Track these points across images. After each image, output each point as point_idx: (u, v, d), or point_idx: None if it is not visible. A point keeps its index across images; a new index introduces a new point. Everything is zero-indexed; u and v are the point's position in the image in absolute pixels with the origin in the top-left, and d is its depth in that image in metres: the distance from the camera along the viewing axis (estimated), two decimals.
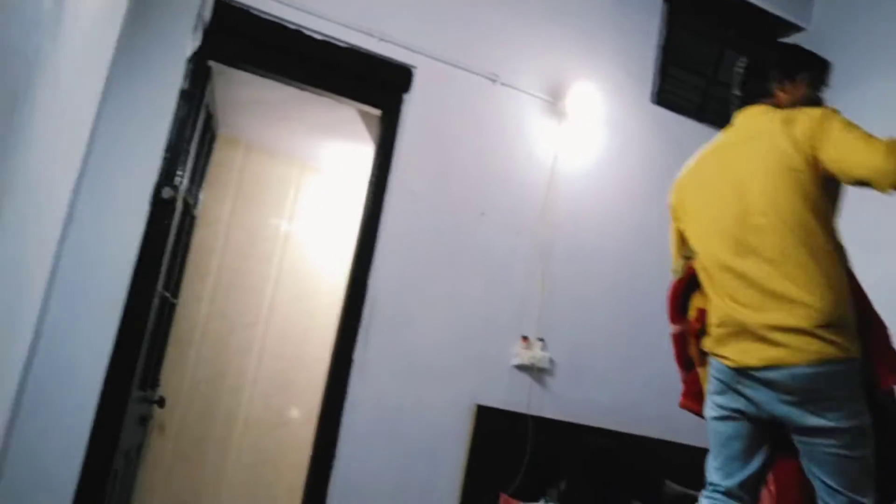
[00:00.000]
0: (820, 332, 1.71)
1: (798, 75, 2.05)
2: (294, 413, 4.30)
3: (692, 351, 2.11)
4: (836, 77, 2.19)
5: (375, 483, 3.01)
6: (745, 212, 1.88)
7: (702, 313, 2.04)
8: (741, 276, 1.85)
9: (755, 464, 1.90)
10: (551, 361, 3.39)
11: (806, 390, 1.73)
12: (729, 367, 1.89)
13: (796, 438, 1.82)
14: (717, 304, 1.94)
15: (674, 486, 2.49)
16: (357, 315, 3.08)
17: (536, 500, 2.98)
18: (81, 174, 2.61)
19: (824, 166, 1.78)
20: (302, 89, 3.22)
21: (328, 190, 4.61)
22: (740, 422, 1.91)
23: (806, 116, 1.85)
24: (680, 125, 3.89)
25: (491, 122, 3.43)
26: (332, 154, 4.43)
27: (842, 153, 1.75)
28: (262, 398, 4.30)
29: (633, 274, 3.64)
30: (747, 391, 1.86)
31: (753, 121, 2.02)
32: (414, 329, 3.16)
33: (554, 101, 3.53)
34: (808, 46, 4.27)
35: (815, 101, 2.03)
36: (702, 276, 2.04)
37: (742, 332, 1.84)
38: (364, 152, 3.82)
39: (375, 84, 3.26)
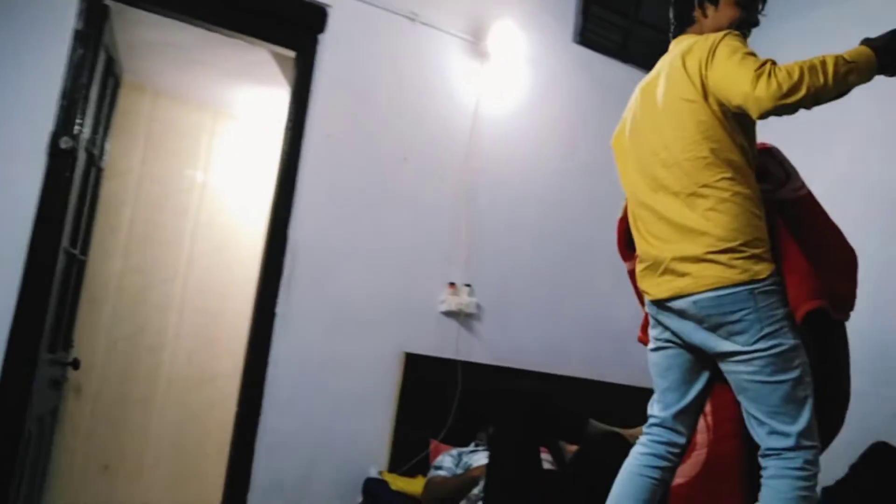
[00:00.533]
0: (717, 257, 1.72)
1: None
2: (219, 368, 4.19)
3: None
4: (774, 7, 2.16)
5: (304, 436, 2.96)
6: (655, 148, 1.89)
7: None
8: (654, 212, 1.87)
9: (690, 395, 1.91)
10: (478, 307, 3.38)
11: (712, 316, 1.74)
12: (650, 301, 1.92)
13: (721, 367, 1.82)
14: (639, 240, 1.96)
15: (596, 425, 2.53)
16: (278, 267, 2.98)
17: (467, 445, 2.99)
18: None
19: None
20: (210, 30, 3.04)
21: (244, 137, 4.43)
22: (672, 351, 1.92)
23: (703, 43, 1.81)
24: (603, 65, 3.86)
25: (411, 64, 3.33)
26: (247, 99, 4.24)
27: (720, 80, 1.74)
28: (184, 355, 4.17)
29: (558, 217, 3.65)
30: (667, 322, 1.89)
31: (668, 54, 1.99)
32: (337, 280, 3.09)
33: (475, 40, 3.44)
34: None
35: (748, 24, 1.98)
36: (629, 215, 2.03)
37: (656, 265, 1.86)
38: (280, 97, 3.65)
39: (289, 24, 3.10)
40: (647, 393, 3.80)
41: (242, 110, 4.38)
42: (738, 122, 1.81)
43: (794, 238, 1.84)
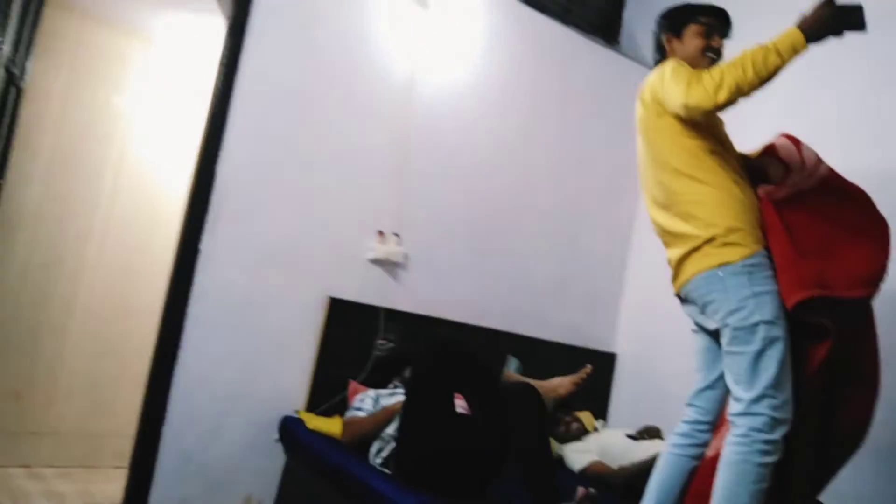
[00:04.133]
0: (700, 250, 2.00)
1: (684, 29, 2.21)
2: (139, 302, 4.13)
3: None
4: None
5: (222, 373, 2.98)
6: (646, 173, 2.21)
7: None
8: (658, 224, 2.20)
9: (713, 375, 2.12)
10: (406, 256, 3.43)
11: (697, 298, 2.04)
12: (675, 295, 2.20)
13: None
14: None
15: (512, 374, 2.63)
16: (204, 203, 2.95)
17: (385, 387, 3.06)
18: None
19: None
20: None
21: (176, 68, 4.29)
22: (698, 336, 2.18)
23: (655, 73, 2.13)
24: (544, 25, 3.89)
25: (353, 4, 3.28)
26: (181, 29, 4.09)
27: (665, 98, 2.05)
28: (103, 286, 4.09)
29: (489, 173, 3.70)
30: (685, 310, 2.18)
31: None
32: (265, 220, 3.08)
33: None
34: None
35: (713, 51, 2.20)
36: None
37: (672, 266, 2.16)
38: (217, 28, 3.55)
39: None
40: (563, 348, 3.97)
41: (175, 40, 4.24)
42: (698, 128, 2.05)
43: (788, 233, 2.00)
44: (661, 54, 2.28)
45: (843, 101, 3.17)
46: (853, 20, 1.89)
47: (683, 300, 2.16)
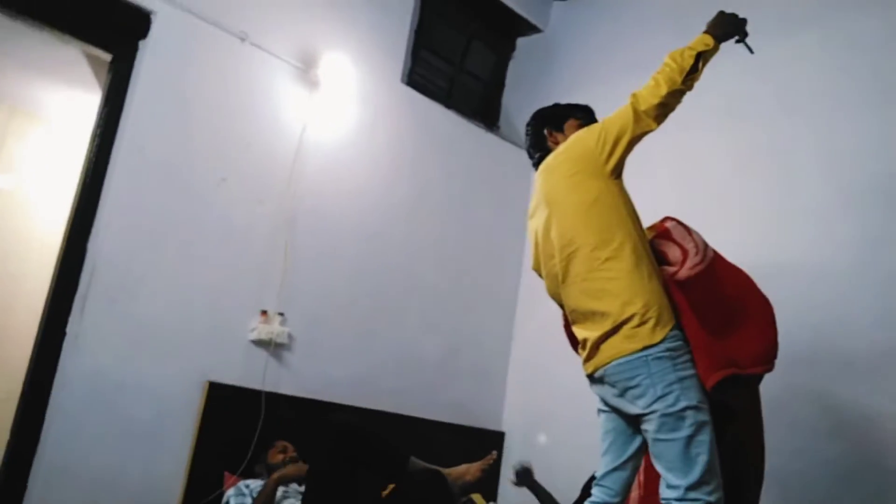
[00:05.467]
0: (615, 333, 1.96)
1: (565, 124, 2.35)
2: None
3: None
4: (566, 79, 2.42)
5: (89, 466, 2.73)
6: (546, 250, 2.18)
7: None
8: (566, 303, 2.16)
9: (622, 457, 2.09)
10: (290, 336, 3.32)
11: (618, 382, 1.98)
12: (586, 375, 2.14)
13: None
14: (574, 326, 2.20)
15: (418, 462, 2.54)
16: (73, 281, 2.76)
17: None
18: None
19: (614, 151, 2.08)
20: (13, 18, 2.78)
21: (45, 140, 4.07)
22: (607, 416, 2.14)
23: (574, 140, 2.19)
24: (428, 108, 4.00)
25: (238, 83, 3.25)
26: (53, 100, 3.91)
27: (613, 128, 2.09)
28: None
29: (374, 251, 3.69)
30: (596, 389, 2.12)
31: (539, 185, 2.26)
32: (140, 300, 2.91)
33: (306, 68, 3.44)
34: (543, 48, 4.61)
35: None
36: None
37: (585, 347, 2.10)
38: (91, 101, 3.41)
39: (107, 24, 2.92)
40: (451, 429, 3.92)
41: (46, 111, 4.04)
42: (618, 198, 2.09)
43: (695, 313, 2.02)
44: (541, 147, 2.37)
45: (709, 181, 3.44)
46: (741, 26, 2.20)
47: (595, 380, 2.10)
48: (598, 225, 2.06)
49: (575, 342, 2.25)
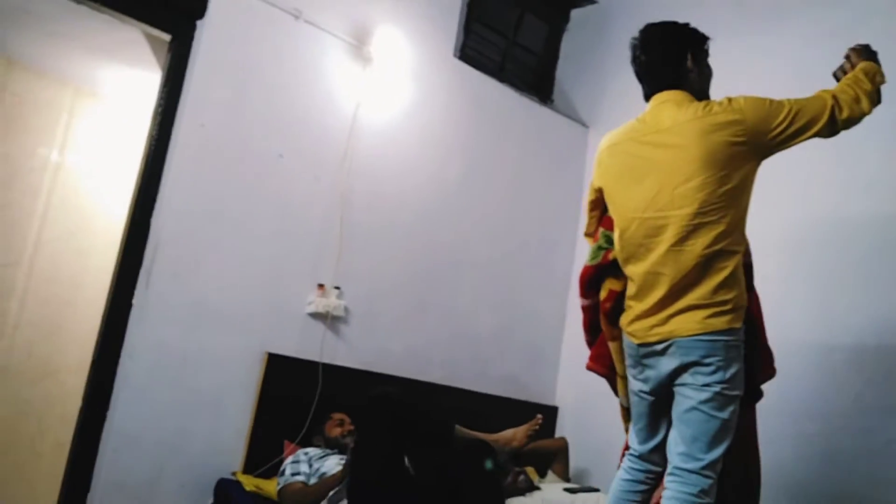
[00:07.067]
0: (699, 309, 1.92)
1: (706, 57, 2.09)
2: (63, 362, 3.93)
3: (603, 324, 2.21)
4: (621, 51, 2.33)
5: (155, 434, 2.84)
6: (662, 208, 1.97)
7: (612, 294, 2.16)
8: (646, 264, 2.01)
9: (660, 435, 2.07)
10: (346, 310, 3.38)
11: (688, 355, 1.91)
12: (637, 344, 2.03)
13: (675, 388, 1.98)
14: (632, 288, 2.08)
15: (463, 431, 2.57)
16: (138, 256, 2.85)
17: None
18: None
19: (791, 138, 1.91)
20: (78, 2, 2.87)
21: (108, 118, 4.19)
22: (645, 402, 2.08)
23: (756, 105, 1.90)
24: (481, 82, 3.97)
25: (292, 60, 3.28)
26: (114, 79, 4.02)
27: (804, 115, 1.90)
28: (24, 346, 3.88)
29: (428, 225, 3.71)
30: (650, 363, 2.01)
31: (665, 124, 1.99)
32: (201, 274, 2.99)
33: (359, 44, 3.45)
34: (597, 19, 4.51)
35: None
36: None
37: (646, 315, 2.01)
38: (150, 80, 3.49)
39: (165, 5, 2.99)
40: (505, 402, 3.93)
41: (108, 90, 4.15)
42: (752, 186, 1.97)
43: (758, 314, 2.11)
44: (675, 71, 2.03)
45: None
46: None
47: (650, 354, 1.98)
48: (735, 208, 1.92)
49: (591, 338, 2.30)
